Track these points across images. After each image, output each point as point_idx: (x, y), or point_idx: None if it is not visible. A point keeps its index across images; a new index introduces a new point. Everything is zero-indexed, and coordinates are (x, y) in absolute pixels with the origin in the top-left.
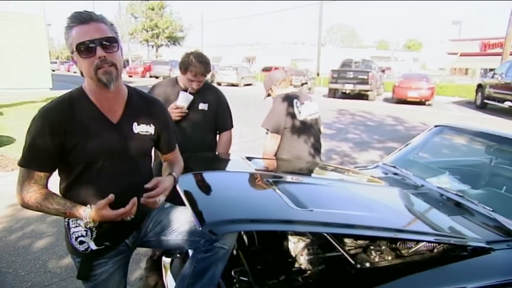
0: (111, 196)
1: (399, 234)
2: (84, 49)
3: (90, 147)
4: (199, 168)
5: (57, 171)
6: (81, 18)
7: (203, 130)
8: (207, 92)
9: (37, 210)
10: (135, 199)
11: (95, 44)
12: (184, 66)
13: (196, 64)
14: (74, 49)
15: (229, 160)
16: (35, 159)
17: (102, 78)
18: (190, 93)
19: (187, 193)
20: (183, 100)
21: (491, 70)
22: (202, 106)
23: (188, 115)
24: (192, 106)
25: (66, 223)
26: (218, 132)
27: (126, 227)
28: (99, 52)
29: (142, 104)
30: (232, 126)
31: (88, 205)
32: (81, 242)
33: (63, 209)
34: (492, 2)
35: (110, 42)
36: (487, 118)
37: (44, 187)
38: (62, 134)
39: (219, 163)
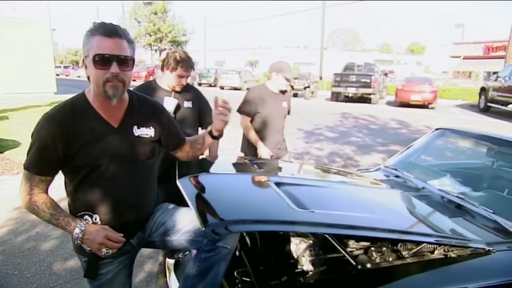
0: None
1: (400, 236)
2: (100, 60)
3: (93, 151)
4: (201, 170)
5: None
6: (107, 30)
7: (191, 126)
8: (189, 91)
9: (33, 213)
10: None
11: (112, 60)
12: (174, 63)
13: (185, 59)
14: (91, 57)
15: (231, 162)
16: (38, 164)
17: (109, 92)
18: (175, 93)
19: (190, 194)
20: (170, 104)
21: (494, 73)
22: (187, 104)
23: (176, 115)
24: (179, 105)
25: None
26: (202, 127)
27: (131, 227)
28: (114, 68)
29: (142, 107)
30: None
31: (86, 218)
32: None
33: (58, 215)
34: (495, 5)
35: (126, 61)
36: (490, 121)
37: (45, 192)
38: (65, 140)
39: (222, 165)
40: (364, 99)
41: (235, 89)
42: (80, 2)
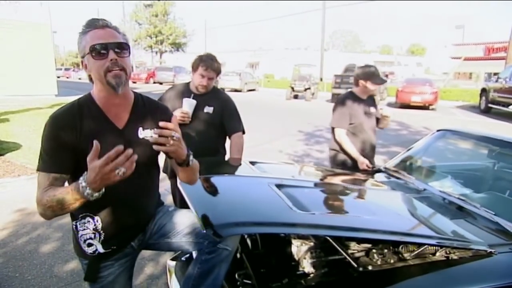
0: (98, 146)
1: (402, 237)
2: (98, 51)
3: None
4: (202, 172)
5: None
6: (97, 24)
7: (207, 133)
8: (214, 96)
9: (49, 207)
10: (120, 147)
11: (108, 47)
12: (196, 63)
13: (207, 59)
14: (87, 52)
15: (232, 164)
16: (51, 162)
17: (112, 81)
18: (197, 95)
19: (191, 196)
20: (188, 105)
21: (495, 74)
22: (207, 109)
23: (193, 118)
24: (198, 109)
25: (74, 226)
26: (228, 135)
27: (132, 230)
28: (111, 55)
29: (147, 109)
30: (241, 129)
31: (84, 173)
32: (89, 245)
33: (66, 191)
34: (495, 6)
35: (122, 48)
36: (491, 123)
37: None
38: (74, 138)
39: (223, 167)
40: None
41: (236, 90)
42: (81, 5)
